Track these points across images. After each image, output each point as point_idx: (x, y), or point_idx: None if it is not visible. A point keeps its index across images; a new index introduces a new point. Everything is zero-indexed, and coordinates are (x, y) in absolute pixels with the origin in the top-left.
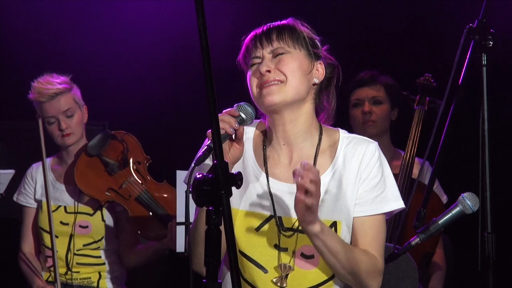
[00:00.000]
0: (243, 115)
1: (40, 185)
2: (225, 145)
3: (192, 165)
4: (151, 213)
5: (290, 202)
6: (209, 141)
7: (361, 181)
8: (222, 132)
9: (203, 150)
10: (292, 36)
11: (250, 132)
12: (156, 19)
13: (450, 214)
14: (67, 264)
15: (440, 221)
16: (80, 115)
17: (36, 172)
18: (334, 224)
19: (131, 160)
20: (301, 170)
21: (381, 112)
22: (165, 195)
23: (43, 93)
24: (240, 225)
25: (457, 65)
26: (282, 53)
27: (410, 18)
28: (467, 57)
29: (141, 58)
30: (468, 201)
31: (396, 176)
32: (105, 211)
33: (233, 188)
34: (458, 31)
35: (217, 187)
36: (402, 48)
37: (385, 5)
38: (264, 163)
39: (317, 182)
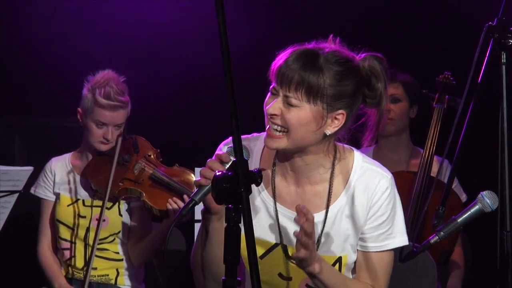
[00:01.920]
0: (233, 159)
1: (59, 178)
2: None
3: (173, 224)
4: (166, 189)
5: (296, 230)
6: (193, 191)
7: (368, 217)
8: (208, 183)
9: (184, 205)
10: (311, 90)
11: (258, 147)
12: (173, 18)
13: (469, 212)
14: (85, 257)
15: (459, 220)
16: (124, 126)
17: (55, 165)
18: (339, 259)
19: (140, 151)
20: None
21: (399, 110)
22: (180, 175)
23: (111, 102)
24: (244, 251)
25: (476, 63)
26: (293, 105)
27: (429, 16)
28: (487, 55)
29: (161, 57)
30: (487, 200)
31: (415, 174)
32: (122, 205)
33: None
34: (478, 29)
35: (237, 185)
36: (421, 46)
37: (405, 3)
38: (272, 187)
39: (310, 235)
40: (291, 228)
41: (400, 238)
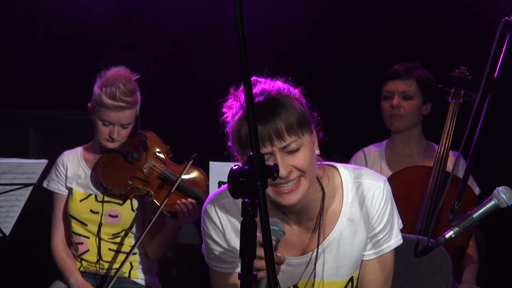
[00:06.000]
0: (277, 238)
1: (72, 172)
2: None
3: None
4: (175, 189)
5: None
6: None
7: (371, 227)
8: (265, 274)
9: None
10: (299, 124)
11: None
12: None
13: (485, 208)
14: (98, 252)
15: (475, 215)
16: (133, 125)
17: (67, 159)
18: (351, 279)
19: (150, 148)
20: None
21: (409, 107)
22: (190, 176)
23: (115, 102)
24: None
25: (492, 58)
26: (296, 150)
27: (446, 10)
28: (503, 50)
29: (176, 51)
30: (503, 195)
31: (430, 169)
32: (134, 201)
33: None
34: (494, 24)
35: (253, 179)
36: (437, 40)
37: None
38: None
39: None
40: (291, 271)
41: (396, 239)
